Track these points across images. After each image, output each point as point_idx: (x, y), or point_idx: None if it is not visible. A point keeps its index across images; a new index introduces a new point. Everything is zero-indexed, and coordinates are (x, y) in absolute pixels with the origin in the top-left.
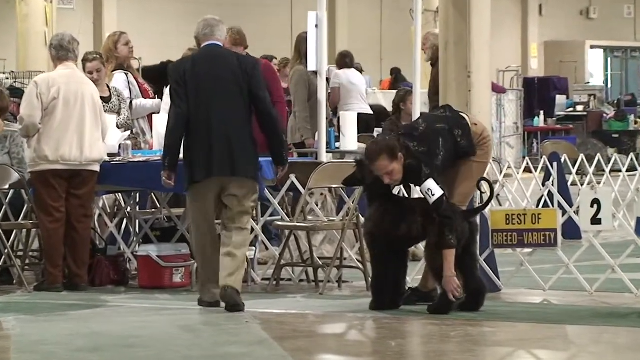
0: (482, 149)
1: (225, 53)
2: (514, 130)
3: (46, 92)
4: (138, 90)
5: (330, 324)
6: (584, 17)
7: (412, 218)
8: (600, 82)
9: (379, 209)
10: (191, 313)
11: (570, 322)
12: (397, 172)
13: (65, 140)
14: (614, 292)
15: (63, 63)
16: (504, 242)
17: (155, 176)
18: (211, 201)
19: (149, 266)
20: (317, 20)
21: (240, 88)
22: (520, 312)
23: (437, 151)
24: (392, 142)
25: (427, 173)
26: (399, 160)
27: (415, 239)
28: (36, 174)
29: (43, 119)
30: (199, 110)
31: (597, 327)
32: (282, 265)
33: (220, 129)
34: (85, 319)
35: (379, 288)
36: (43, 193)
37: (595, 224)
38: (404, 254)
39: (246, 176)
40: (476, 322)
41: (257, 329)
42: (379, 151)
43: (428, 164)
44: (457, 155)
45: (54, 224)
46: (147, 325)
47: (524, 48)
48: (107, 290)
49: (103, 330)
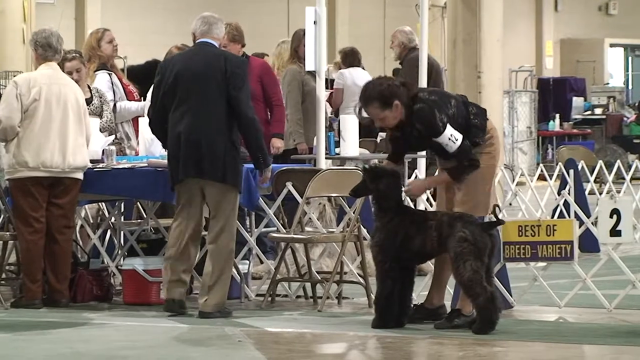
0: (489, 150)
1: (214, 52)
2: (528, 135)
3: (26, 92)
4: (122, 91)
5: (330, 343)
6: (603, 12)
7: (427, 233)
8: (620, 83)
9: (391, 221)
10: (180, 331)
11: (588, 341)
12: (389, 119)
13: (47, 146)
14: (634, 309)
15: (46, 63)
16: (517, 256)
17: (141, 184)
18: (196, 202)
19: (134, 281)
20: (316, 16)
21: (221, 89)
22: (533, 331)
23: (449, 105)
24: (388, 89)
25: (444, 120)
26: (394, 108)
27: (429, 255)
28: (15, 182)
29: (23, 122)
30: (176, 111)
31: (616, 346)
32: (277, 280)
33: (193, 130)
34: (67, 338)
35: (384, 306)
36: (22, 202)
37: (615, 236)
38: (412, 270)
39: (215, 179)
40: (486, 341)
41: (250, 348)
42: (371, 98)
43: (441, 110)
44: (468, 131)
45: (34, 235)
46: (132, 344)
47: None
48: (90, 307)
49: (85, 350)
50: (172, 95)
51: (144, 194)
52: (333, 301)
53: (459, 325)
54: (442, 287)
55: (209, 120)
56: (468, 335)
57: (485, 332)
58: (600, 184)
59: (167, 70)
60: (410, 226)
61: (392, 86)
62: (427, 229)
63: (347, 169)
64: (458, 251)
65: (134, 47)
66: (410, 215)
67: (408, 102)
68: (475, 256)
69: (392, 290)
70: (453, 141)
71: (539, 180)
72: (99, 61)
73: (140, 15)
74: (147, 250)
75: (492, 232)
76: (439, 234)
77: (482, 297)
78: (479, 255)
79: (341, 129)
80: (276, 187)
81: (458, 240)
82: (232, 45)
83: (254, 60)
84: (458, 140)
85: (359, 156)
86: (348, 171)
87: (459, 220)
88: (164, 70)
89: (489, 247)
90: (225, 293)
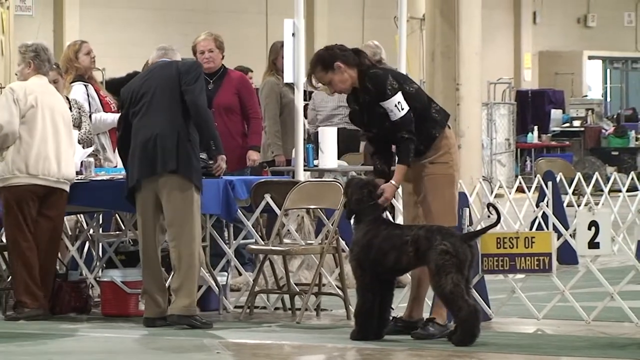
0: (446, 159)
1: (165, 64)
2: (506, 147)
3: (23, 98)
4: (99, 103)
5: (308, 355)
6: (582, 25)
7: (403, 248)
8: (598, 96)
9: (367, 233)
10: (158, 343)
11: (566, 353)
12: (336, 82)
13: (46, 154)
14: (612, 322)
15: (37, 75)
16: (495, 268)
17: (119, 196)
18: (148, 206)
19: (113, 293)
20: (294, 28)
21: (173, 92)
22: (512, 343)
23: (408, 83)
24: (327, 52)
25: (395, 86)
26: (337, 70)
27: (404, 270)
28: (10, 189)
29: (20, 127)
30: (137, 123)
31: (594, 358)
32: (256, 292)
33: (146, 134)
34: (45, 350)
35: (364, 318)
36: (16, 210)
37: (593, 248)
38: (391, 283)
39: (165, 169)
40: (464, 353)
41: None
42: (312, 64)
43: (396, 79)
44: (425, 120)
45: (29, 243)
46: (110, 356)
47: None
48: (68, 319)
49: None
50: (133, 114)
51: (123, 206)
52: (311, 313)
53: (434, 333)
54: (421, 300)
55: (163, 120)
56: (447, 346)
57: (465, 344)
58: (578, 196)
59: (126, 93)
60: (385, 241)
61: (331, 49)
62: (402, 244)
63: (325, 181)
64: (440, 264)
65: (112, 59)
66: (386, 229)
67: (365, 68)
68: (456, 269)
69: (373, 303)
70: (399, 109)
71: (517, 192)
72: (76, 73)
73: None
74: (125, 262)
75: (471, 244)
76: (415, 248)
77: (464, 310)
78: (460, 268)
79: (320, 141)
80: (254, 199)
81: (439, 253)
82: (217, 52)
83: (232, 73)
84: (404, 109)
85: (337, 168)
86: (326, 183)
87: (437, 233)
88: (124, 95)
89: (469, 259)
90: (192, 297)
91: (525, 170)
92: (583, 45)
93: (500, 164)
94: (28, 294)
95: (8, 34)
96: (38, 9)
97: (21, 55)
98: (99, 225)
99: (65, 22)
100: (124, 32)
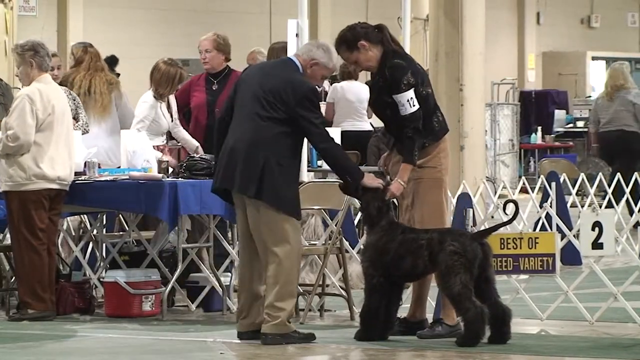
0: (435, 164)
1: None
2: (510, 148)
3: (42, 108)
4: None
5: (312, 355)
6: (585, 25)
7: (419, 252)
8: None
9: (382, 237)
10: (162, 344)
11: (570, 354)
12: (362, 61)
13: (60, 159)
14: (616, 322)
15: (41, 74)
16: (499, 268)
17: (123, 196)
18: (240, 216)
19: (116, 293)
20: (298, 29)
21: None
22: (515, 343)
23: (425, 85)
24: (349, 31)
25: (411, 82)
26: (362, 49)
27: (420, 274)
28: (28, 194)
29: (36, 135)
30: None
31: (598, 359)
32: None
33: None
34: (48, 350)
35: (370, 320)
36: (33, 214)
37: (597, 249)
38: (400, 287)
39: (245, 193)
40: (468, 354)
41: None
42: (337, 45)
43: (415, 76)
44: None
45: (42, 246)
46: (114, 357)
47: (520, 59)
48: (72, 320)
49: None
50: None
51: (126, 207)
52: (315, 313)
53: (441, 334)
54: (423, 300)
55: (249, 130)
56: (451, 347)
57: (469, 345)
58: (582, 197)
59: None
60: (401, 246)
61: (353, 28)
62: (417, 248)
63: (329, 182)
64: (449, 264)
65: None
66: (402, 233)
67: (389, 50)
68: (465, 269)
69: (379, 304)
70: (410, 105)
71: (521, 193)
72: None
73: (123, 27)
74: (129, 263)
75: (483, 242)
76: (429, 252)
77: (471, 311)
78: (469, 268)
79: None
80: None
81: (448, 254)
82: (215, 53)
83: (237, 73)
84: (415, 106)
85: None
86: (330, 184)
87: (448, 234)
88: (241, 77)
89: (479, 257)
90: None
91: (529, 171)
92: (587, 46)
93: (504, 164)
94: (32, 295)
95: (11, 34)
96: (41, 9)
97: (19, 57)
98: (102, 225)
99: (69, 22)
100: (128, 32)
